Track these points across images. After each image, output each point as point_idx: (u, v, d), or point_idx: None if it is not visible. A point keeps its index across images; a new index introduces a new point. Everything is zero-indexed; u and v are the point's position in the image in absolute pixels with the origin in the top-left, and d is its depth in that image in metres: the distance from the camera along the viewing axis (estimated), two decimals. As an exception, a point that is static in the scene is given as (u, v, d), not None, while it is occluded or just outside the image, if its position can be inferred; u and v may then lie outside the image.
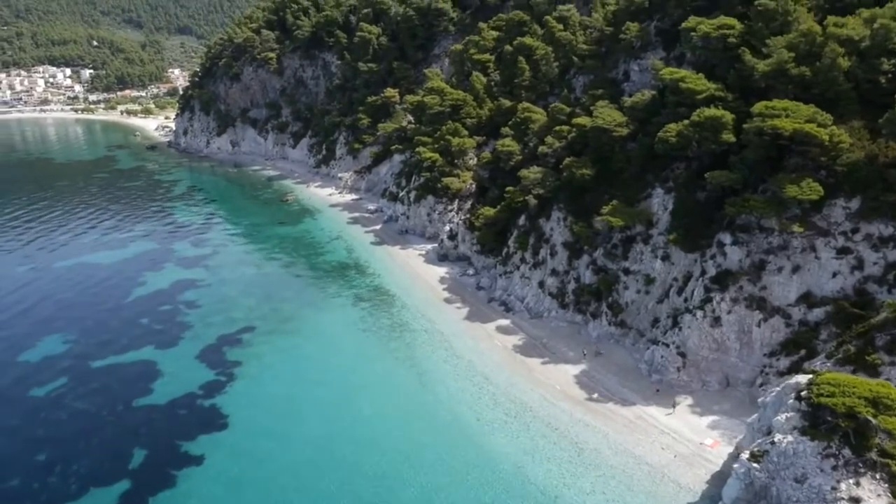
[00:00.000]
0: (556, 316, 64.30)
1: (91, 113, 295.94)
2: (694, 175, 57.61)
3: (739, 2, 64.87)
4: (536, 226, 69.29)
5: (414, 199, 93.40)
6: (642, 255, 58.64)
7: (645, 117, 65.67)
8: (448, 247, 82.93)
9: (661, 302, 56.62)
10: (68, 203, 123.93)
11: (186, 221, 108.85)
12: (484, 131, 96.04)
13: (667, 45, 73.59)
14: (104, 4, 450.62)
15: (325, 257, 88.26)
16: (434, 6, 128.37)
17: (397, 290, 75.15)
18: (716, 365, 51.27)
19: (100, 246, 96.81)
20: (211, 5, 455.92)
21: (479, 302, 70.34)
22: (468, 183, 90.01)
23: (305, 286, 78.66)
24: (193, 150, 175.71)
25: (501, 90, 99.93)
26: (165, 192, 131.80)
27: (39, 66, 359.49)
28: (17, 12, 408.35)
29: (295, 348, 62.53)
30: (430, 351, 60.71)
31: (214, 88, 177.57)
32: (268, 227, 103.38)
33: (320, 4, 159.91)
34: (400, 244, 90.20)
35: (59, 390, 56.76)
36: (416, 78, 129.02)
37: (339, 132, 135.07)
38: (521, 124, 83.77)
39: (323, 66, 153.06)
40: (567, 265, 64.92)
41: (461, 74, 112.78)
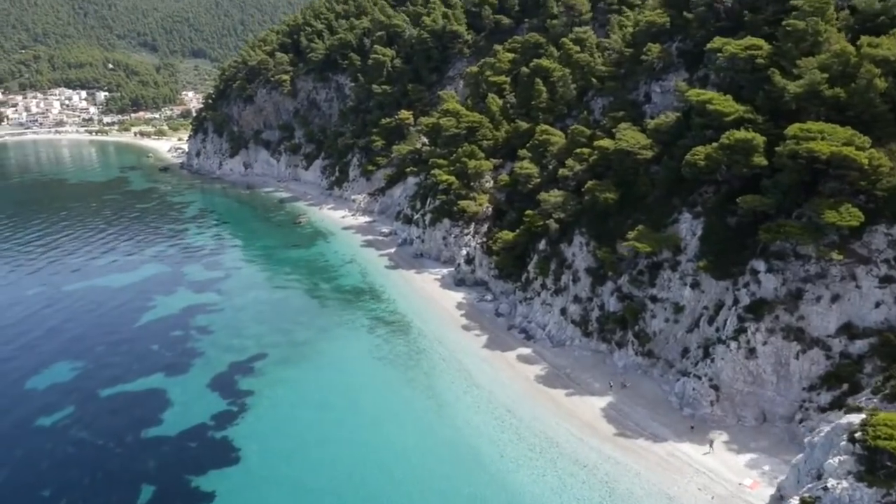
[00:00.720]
0: (579, 345, 62.01)
1: (105, 134, 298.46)
2: (723, 199, 55.58)
3: (765, 22, 63.43)
4: (557, 251, 67.31)
5: (429, 223, 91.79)
6: (670, 283, 56.43)
7: (669, 140, 63.95)
8: (465, 271, 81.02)
9: (690, 331, 54.27)
10: (80, 225, 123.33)
11: (198, 244, 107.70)
12: (500, 154, 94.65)
13: (689, 66, 72.14)
14: (120, 28, 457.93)
15: (339, 281, 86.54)
16: (449, 29, 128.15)
17: (413, 316, 73.16)
18: (751, 399, 48.74)
19: (111, 269, 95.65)
20: (225, 29, 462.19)
21: (498, 329, 68.18)
22: (485, 206, 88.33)
23: (319, 311, 76.83)
24: (206, 172, 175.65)
25: (517, 112, 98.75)
26: (177, 214, 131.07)
27: (55, 89, 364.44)
28: (35, 36, 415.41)
29: (308, 378, 60.52)
30: (450, 381, 58.51)
31: (228, 110, 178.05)
32: (280, 250, 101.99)
33: (334, 27, 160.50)
34: (415, 268, 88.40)
35: (66, 420, 54.96)
36: (430, 100, 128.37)
37: (353, 154, 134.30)
38: (540, 147, 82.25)
39: (336, 88, 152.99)
40: (590, 292, 62.77)
41: (476, 96, 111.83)
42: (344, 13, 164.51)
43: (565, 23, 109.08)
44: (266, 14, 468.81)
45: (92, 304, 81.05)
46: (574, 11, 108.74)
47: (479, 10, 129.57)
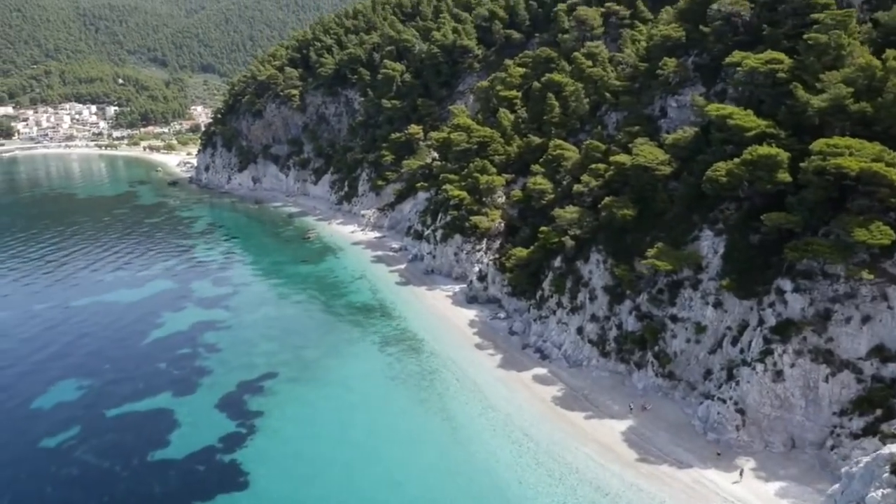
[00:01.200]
0: (596, 365, 60.33)
1: (114, 149, 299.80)
2: (746, 216, 54.11)
3: (785, 36, 62.30)
4: (573, 268, 65.85)
5: (440, 238, 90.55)
6: (691, 302, 54.82)
7: (688, 155, 62.69)
8: (477, 288, 79.59)
9: (713, 352, 52.58)
10: (89, 240, 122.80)
11: (206, 259, 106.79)
12: (512, 169, 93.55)
13: (706, 80, 71.05)
14: (131, 44, 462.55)
15: (349, 298, 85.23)
16: (459, 43, 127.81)
17: (425, 334, 71.67)
18: (779, 424, 46.94)
19: (119, 284, 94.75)
20: (234, 44, 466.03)
21: (512, 348, 66.59)
22: (497, 222, 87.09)
23: (329, 329, 75.46)
24: (215, 186, 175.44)
25: (529, 127, 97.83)
26: (186, 229, 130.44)
27: (66, 103, 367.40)
28: (46, 52, 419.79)
29: (319, 398, 59.02)
30: (464, 402, 56.90)
31: (237, 125, 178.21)
32: (289, 266, 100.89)
33: (344, 42, 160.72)
34: (426, 285, 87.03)
35: (71, 441, 53.62)
36: (440, 115, 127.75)
37: (362, 169, 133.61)
38: (553, 162, 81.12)
39: (346, 103, 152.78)
40: (608, 310, 61.19)
41: (487, 111, 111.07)
42: (353, 28, 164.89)
43: (576, 37, 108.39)
44: (275, 30, 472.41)
45: (100, 321, 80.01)
46: (585, 26, 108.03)
47: (489, 24, 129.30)
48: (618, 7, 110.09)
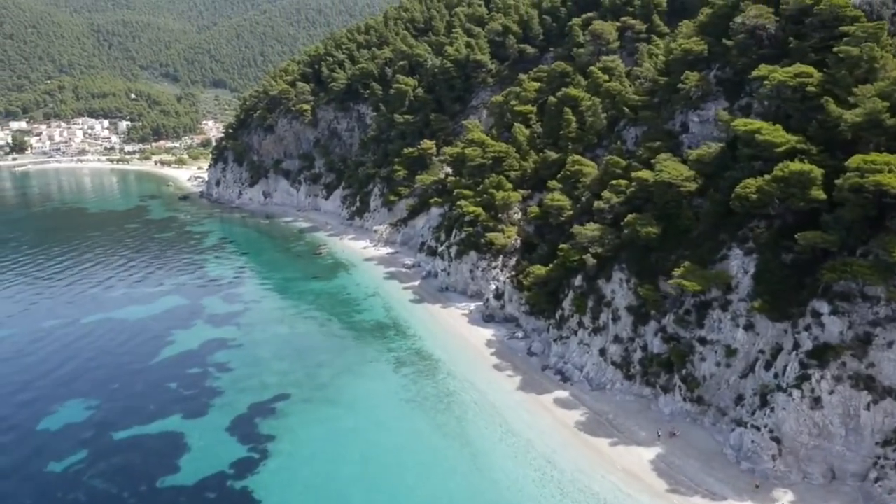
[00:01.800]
0: (620, 388, 58.16)
1: (126, 163, 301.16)
2: (777, 235, 52.11)
3: (812, 49, 60.65)
4: (595, 287, 63.89)
5: (455, 255, 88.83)
6: (720, 323, 52.73)
7: (713, 171, 60.88)
8: (494, 307, 77.67)
9: (744, 377, 50.38)
10: (100, 255, 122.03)
11: (217, 275, 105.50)
12: (528, 184, 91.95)
13: (729, 94, 69.36)
14: (143, 59, 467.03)
15: (362, 316, 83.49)
16: (472, 58, 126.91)
17: (441, 353, 69.75)
18: (818, 454, 44.60)
19: (129, 300, 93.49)
20: (245, 60, 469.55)
21: (532, 369, 64.53)
22: (513, 238, 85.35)
23: (342, 348, 73.67)
24: (225, 201, 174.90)
25: (544, 142, 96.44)
26: (196, 244, 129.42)
27: (79, 118, 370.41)
28: (60, 67, 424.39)
29: (333, 421, 57.12)
30: (483, 427, 54.84)
31: (248, 139, 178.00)
32: (301, 282, 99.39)
33: (356, 57, 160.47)
34: (441, 302, 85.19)
35: (79, 465, 51.96)
36: (453, 129, 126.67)
37: (374, 184, 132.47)
38: (571, 177, 79.50)
39: (357, 118, 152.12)
40: (632, 332, 59.12)
41: (501, 126, 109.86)
42: (365, 43, 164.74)
43: (592, 52, 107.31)
44: (286, 45, 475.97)
45: (109, 339, 78.62)
46: (601, 40, 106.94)
47: (502, 39, 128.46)
48: (633, 21, 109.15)
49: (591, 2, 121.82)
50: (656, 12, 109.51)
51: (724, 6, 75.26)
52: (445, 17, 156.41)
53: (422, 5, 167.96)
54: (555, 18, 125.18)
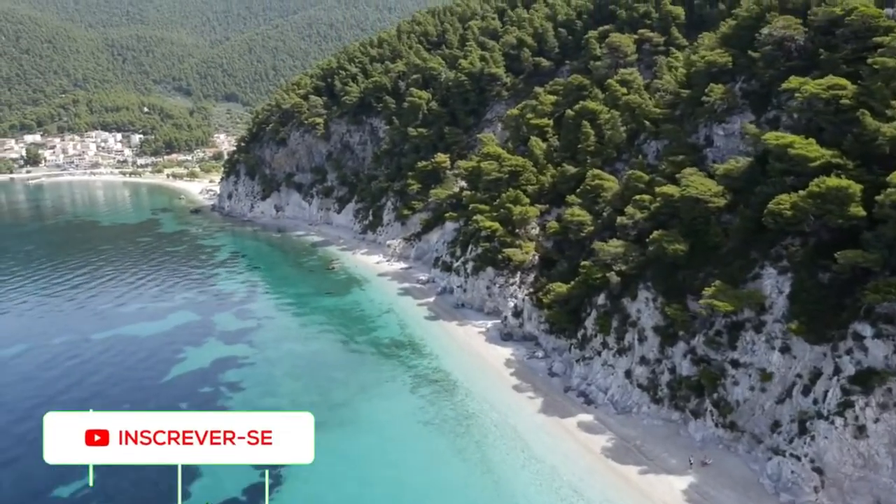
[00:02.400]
0: (647, 412, 55.85)
1: (138, 176, 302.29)
2: (813, 253, 49.94)
3: (844, 60, 58.77)
4: (619, 306, 61.77)
5: (471, 271, 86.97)
6: (754, 346, 50.46)
7: (742, 186, 58.90)
8: (512, 325, 75.64)
9: (781, 402, 48.01)
10: (110, 269, 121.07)
11: (229, 290, 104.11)
12: (545, 199, 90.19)
13: (756, 107, 67.51)
14: (157, 73, 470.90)
15: (377, 333, 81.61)
16: (487, 71, 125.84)
17: (459, 373, 67.69)
18: (864, 486, 42.08)
19: (139, 316, 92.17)
20: (257, 74, 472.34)
21: (553, 391, 62.33)
22: (531, 254, 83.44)
23: (357, 367, 71.77)
24: (237, 215, 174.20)
25: (562, 156, 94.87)
26: (208, 258, 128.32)
27: (92, 132, 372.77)
28: (75, 81, 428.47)
29: (349, 444, 55.04)
30: (505, 452, 52.67)
31: (260, 153, 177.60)
32: (314, 298, 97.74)
33: (368, 71, 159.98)
34: (457, 319, 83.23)
35: (86, 490, 50.05)
36: (467, 143, 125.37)
37: (387, 198, 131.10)
38: (591, 192, 77.70)
39: (370, 131, 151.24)
40: (659, 353, 56.90)
41: (517, 139, 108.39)
42: (378, 57, 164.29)
43: (609, 64, 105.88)
44: (297, 59, 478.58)
45: (119, 356, 77.19)
46: (619, 53, 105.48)
47: (517, 52, 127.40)
48: (651, 34, 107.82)
49: (606, 14, 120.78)
50: (674, 25, 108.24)
51: (748, 18, 73.69)
52: (459, 30, 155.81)
53: (435, 19, 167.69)
54: (570, 31, 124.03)
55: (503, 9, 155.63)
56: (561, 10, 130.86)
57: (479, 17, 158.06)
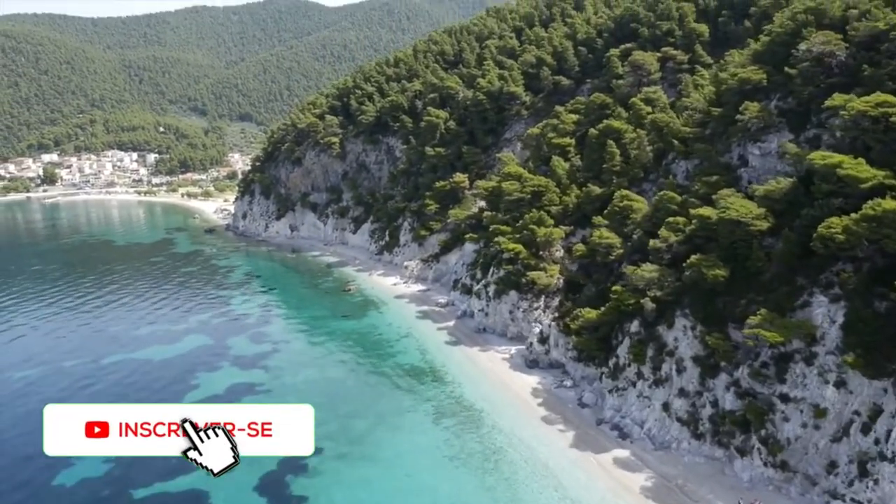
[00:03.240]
0: (688, 448, 52.51)
1: (153, 195, 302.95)
2: (868, 280, 46.84)
3: (890, 76, 56.13)
4: (655, 334, 58.67)
5: (493, 294, 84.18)
6: (805, 379, 47.18)
7: (784, 209, 56.00)
8: (538, 351, 72.61)
9: (837, 441, 44.62)
10: (124, 289, 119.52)
11: (243, 312, 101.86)
12: (570, 220, 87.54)
13: (793, 126, 64.73)
14: (172, 94, 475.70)
15: (396, 359, 78.80)
16: (506, 90, 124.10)
17: (484, 403, 64.64)
18: (936, 537, 38.59)
19: (152, 339, 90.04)
20: (271, 94, 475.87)
21: (585, 423, 59.12)
22: (556, 277, 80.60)
23: (376, 396, 68.90)
24: (251, 234, 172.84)
25: (585, 175, 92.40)
26: (222, 279, 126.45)
27: (108, 151, 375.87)
28: (92, 101, 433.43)
29: (370, 481, 52.20)
30: (537, 491, 49.51)
31: (276, 172, 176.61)
32: (330, 321, 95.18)
33: (385, 90, 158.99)
34: (479, 345, 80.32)
35: None
36: (486, 163, 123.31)
37: (404, 218, 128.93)
38: (619, 213, 74.99)
39: (387, 151, 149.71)
40: (699, 385, 53.67)
41: (538, 159, 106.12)
42: (395, 76, 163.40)
43: (632, 83, 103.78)
44: (311, 80, 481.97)
45: (131, 381, 74.93)
46: (642, 71, 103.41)
47: (536, 71, 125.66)
48: (675, 52, 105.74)
49: (628, 33, 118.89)
50: (698, 42, 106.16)
51: (782, 34, 71.29)
52: (476, 49, 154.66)
53: (451, 38, 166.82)
54: (591, 50, 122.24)
55: (521, 28, 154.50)
56: (581, 28, 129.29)
57: (497, 36, 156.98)
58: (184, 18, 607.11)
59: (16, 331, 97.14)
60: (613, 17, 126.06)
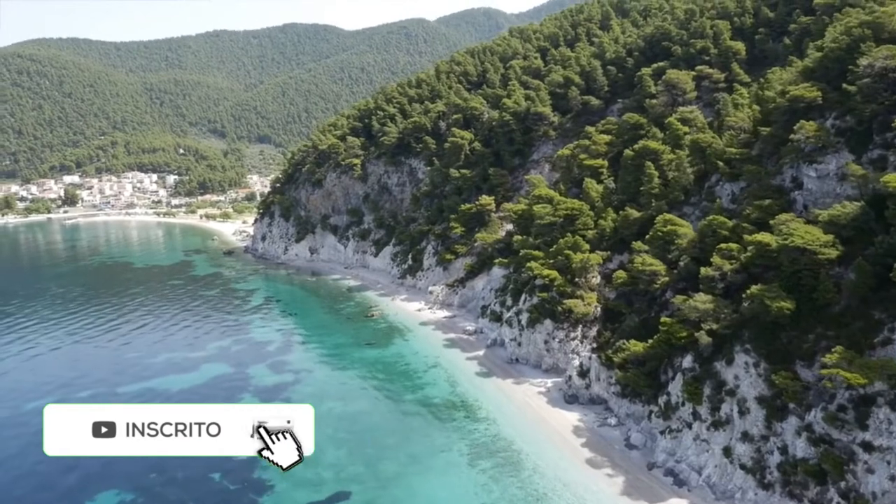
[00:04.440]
0: (754, 499, 47.60)
1: (172, 216, 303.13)
2: (958, 316, 42.26)
3: (964, 93, 51.90)
4: (712, 371, 54.06)
5: (527, 323, 79.93)
6: (891, 426, 42.34)
7: (852, 235, 51.65)
8: (578, 386, 68.09)
9: (933, 498, 39.69)
10: (142, 314, 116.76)
11: (264, 339, 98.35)
12: (605, 245, 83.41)
13: (853, 146, 60.47)
14: (192, 116, 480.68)
15: (425, 392, 74.58)
16: (533, 110, 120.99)
17: (522, 443, 60.13)
18: None
19: (170, 367, 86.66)
20: (289, 116, 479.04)
21: (635, 468, 54.41)
22: (594, 306, 76.30)
23: (406, 433, 64.58)
24: (270, 257, 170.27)
25: (620, 198, 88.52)
26: (241, 303, 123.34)
27: (129, 172, 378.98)
28: (114, 123, 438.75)
29: (405, 531, 47.87)
30: (589, 547, 44.87)
31: (295, 194, 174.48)
32: (354, 349, 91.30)
33: (407, 111, 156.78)
34: (512, 377, 75.94)
35: None
36: (512, 185, 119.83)
37: (427, 241, 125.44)
38: (662, 239, 70.71)
39: (409, 172, 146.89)
40: (765, 428, 48.91)
41: (568, 181, 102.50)
42: (417, 97, 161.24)
43: (665, 102, 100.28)
44: (329, 102, 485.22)
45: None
46: (677, 90, 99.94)
47: (564, 91, 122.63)
48: (710, 70, 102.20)
49: (659, 52, 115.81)
50: (735, 60, 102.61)
51: (836, 49, 67.35)
52: (500, 69, 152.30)
53: (475, 59, 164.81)
54: (620, 69, 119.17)
55: (545, 48, 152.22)
56: (609, 47, 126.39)
57: (521, 56, 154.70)
58: (204, 42, 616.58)
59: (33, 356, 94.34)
60: (643, 36, 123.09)
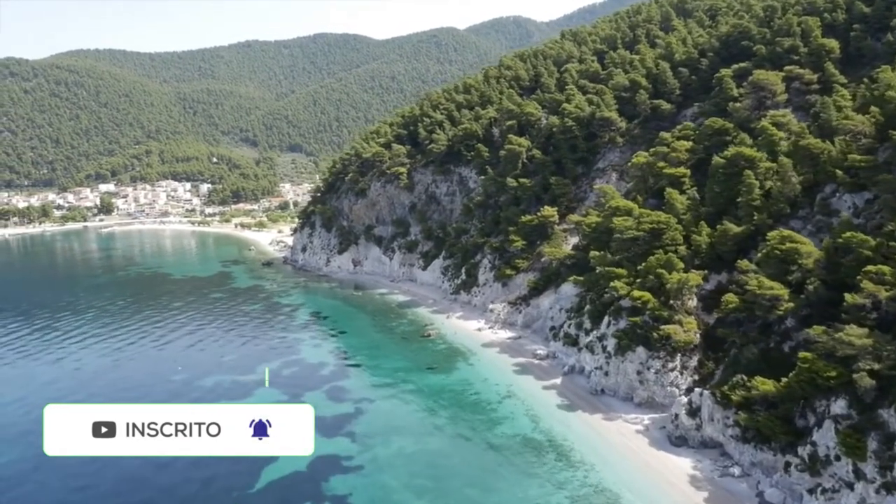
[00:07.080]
0: (950, 585, 38.73)
1: (206, 225, 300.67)
2: None
3: None
4: (876, 420, 45.20)
5: (614, 350, 71.59)
6: None
7: None
8: (687, 426, 59.49)
9: None
10: (183, 330, 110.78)
11: (316, 361, 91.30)
12: (699, 263, 74.82)
13: None
14: (225, 125, 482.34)
15: (503, 428, 66.53)
16: (598, 115, 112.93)
17: (631, 496, 51.80)
18: None
19: (218, 393, 80.00)
20: (321, 125, 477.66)
21: (778, 534, 45.78)
22: (694, 332, 67.76)
23: (491, 479, 56.54)
24: (311, 268, 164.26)
25: (708, 210, 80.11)
26: (287, 320, 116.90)
27: (163, 181, 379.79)
28: (148, 133, 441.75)
29: None
30: None
31: (337, 204, 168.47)
32: (415, 375, 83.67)
33: (456, 118, 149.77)
34: (600, 411, 67.63)
35: None
36: (576, 195, 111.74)
37: (482, 254, 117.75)
38: (779, 258, 61.98)
39: (459, 182, 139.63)
40: (959, 497, 40.03)
41: (644, 191, 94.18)
42: (466, 103, 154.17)
43: (751, 105, 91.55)
44: (360, 111, 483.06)
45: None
46: (765, 92, 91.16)
47: (630, 95, 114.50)
48: (801, 71, 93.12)
49: (736, 52, 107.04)
50: (829, 59, 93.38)
51: None
52: (555, 73, 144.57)
53: (526, 63, 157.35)
54: (693, 71, 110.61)
55: (602, 51, 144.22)
56: (677, 48, 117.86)
57: (576, 59, 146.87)
58: (237, 52, 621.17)
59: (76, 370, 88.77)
60: (718, 36, 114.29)
